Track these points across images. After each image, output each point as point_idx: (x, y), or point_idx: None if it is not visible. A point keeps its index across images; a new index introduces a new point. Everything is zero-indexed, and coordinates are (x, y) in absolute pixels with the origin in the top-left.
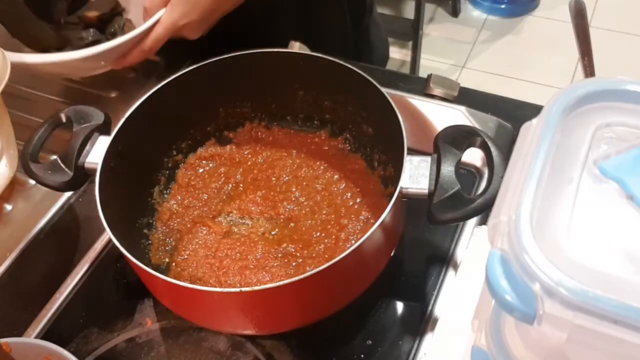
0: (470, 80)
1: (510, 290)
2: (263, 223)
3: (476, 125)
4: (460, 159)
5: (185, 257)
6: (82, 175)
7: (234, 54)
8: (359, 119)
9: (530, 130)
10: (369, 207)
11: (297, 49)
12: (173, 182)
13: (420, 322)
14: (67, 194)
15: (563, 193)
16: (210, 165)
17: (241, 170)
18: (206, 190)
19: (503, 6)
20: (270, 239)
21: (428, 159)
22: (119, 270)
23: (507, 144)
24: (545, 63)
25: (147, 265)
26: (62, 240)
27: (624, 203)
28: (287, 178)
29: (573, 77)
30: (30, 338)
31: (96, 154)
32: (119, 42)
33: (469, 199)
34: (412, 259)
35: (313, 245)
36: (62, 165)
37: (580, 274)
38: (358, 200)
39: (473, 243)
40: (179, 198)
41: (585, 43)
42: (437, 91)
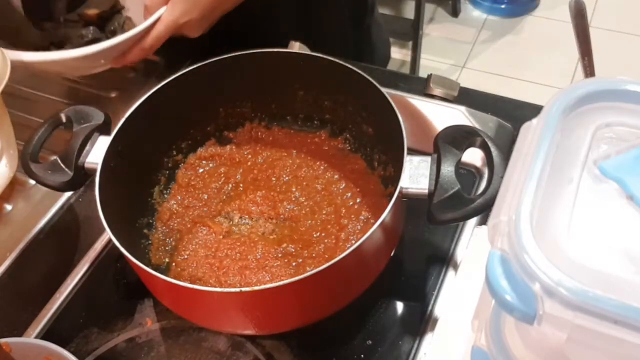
0: (470, 80)
1: (510, 290)
2: (263, 223)
3: (476, 125)
4: (460, 159)
5: (185, 257)
6: (82, 175)
7: (234, 54)
8: (359, 119)
9: (530, 130)
10: (369, 207)
11: (297, 49)
12: (173, 182)
13: (420, 322)
14: (67, 194)
15: (563, 193)
16: (210, 165)
17: (241, 170)
18: (206, 190)
19: (503, 6)
20: (270, 239)
21: (428, 159)
22: (119, 270)
23: (507, 144)
24: (545, 63)
25: (147, 265)
26: (62, 240)
27: (624, 203)
28: (287, 178)
29: (573, 77)
30: (30, 338)
31: (96, 154)
32: (120, 40)
33: (469, 199)
34: (412, 259)
35: (313, 245)
36: (62, 165)
37: (580, 274)
38: (358, 200)
39: (473, 243)
40: (179, 198)
41: (585, 43)
42: (437, 91)
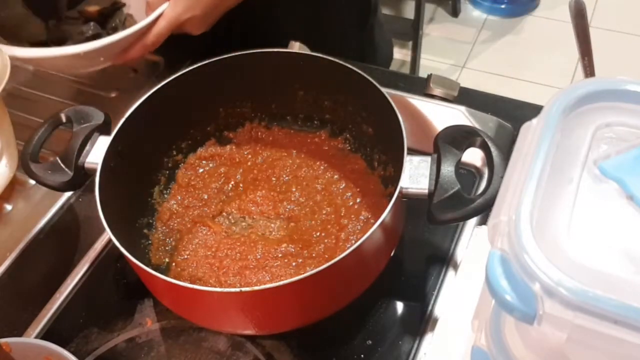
0: (470, 80)
1: (510, 290)
2: (263, 223)
3: (476, 125)
4: (460, 159)
5: (185, 257)
6: (82, 175)
7: (234, 54)
8: (359, 119)
9: (530, 130)
10: (369, 207)
11: (297, 49)
12: (173, 182)
13: (420, 322)
14: (67, 194)
15: (563, 193)
16: (210, 165)
17: (241, 170)
18: (206, 190)
19: (503, 6)
20: (270, 239)
21: (428, 159)
22: (119, 270)
23: (507, 144)
24: (545, 63)
25: (147, 265)
26: (62, 240)
27: (624, 203)
28: (287, 178)
29: (573, 77)
30: (30, 338)
31: (96, 154)
32: (121, 36)
33: (469, 199)
34: (412, 259)
35: (313, 245)
36: (62, 165)
37: (580, 274)
38: (358, 200)
39: (473, 243)
40: (179, 198)
41: (585, 43)
42: (437, 91)
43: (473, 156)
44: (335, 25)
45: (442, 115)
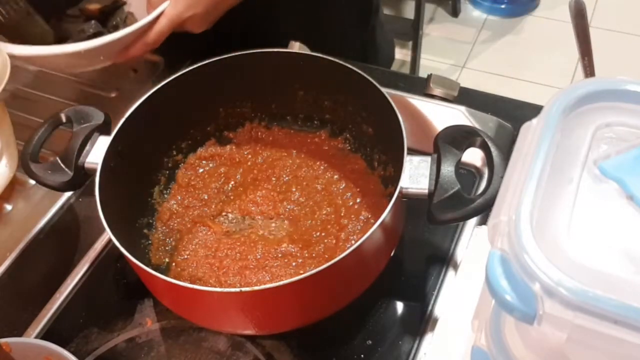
0: (470, 80)
1: (510, 290)
2: (263, 223)
3: (476, 125)
4: (460, 159)
5: (185, 257)
6: (82, 175)
7: (234, 54)
8: (359, 119)
9: (530, 130)
10: (369, 207)
11: (297, 49)
12: (173, 182)
13: (420, 322)
14: (67, 194)
15: (563, 193)
16: (210, 165)
17: (241, 170)
18: (206, 190)
19: (503, 6)
20: (270, 239)
21: (428, 159)
22: (119, 270)
23: (507, 144)
24: (545, 63)
25: (147, 265)
26: (62, 240)
27: (624, 203)
28: (287, 178)
29: (573, 77)
30: (30, 338)
31: (96, 154)
32: (123, 34)
33: (469, 199)
34: (412, 259)
35: (313, 245)
36: (62, 165)
37: (580, 274)
38: (358, 200)
39: (473, 243)
40: (179, 198)
41: (585, 43)
42: (437, 91)
43: (473, 156)
44: (336, 26)
45: (442, 115)
